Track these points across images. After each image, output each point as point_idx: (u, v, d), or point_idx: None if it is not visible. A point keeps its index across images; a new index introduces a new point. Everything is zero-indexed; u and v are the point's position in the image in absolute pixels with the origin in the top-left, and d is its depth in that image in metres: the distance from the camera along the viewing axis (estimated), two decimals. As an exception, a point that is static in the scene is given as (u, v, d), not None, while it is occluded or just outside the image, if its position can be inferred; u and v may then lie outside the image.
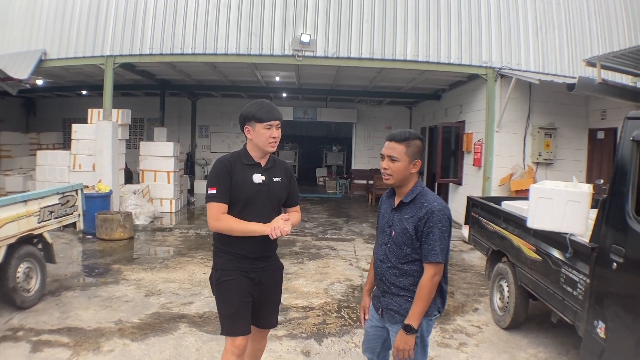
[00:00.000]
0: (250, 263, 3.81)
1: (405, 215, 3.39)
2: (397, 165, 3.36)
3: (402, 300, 3.41)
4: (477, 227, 7.81)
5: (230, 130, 23.40)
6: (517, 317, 6.36)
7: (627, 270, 4.10)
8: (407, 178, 3.41)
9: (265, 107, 3.79)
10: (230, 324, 3.81)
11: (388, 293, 3.49)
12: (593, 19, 13.77)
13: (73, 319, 6.48)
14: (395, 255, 3.43)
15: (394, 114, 23.58)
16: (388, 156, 3.40)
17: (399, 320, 3.39)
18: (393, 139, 3.40)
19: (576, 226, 4.94)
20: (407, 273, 3.39)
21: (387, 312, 3.50)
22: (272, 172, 3.87)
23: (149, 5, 13.05)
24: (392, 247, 3.45)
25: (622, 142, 4.41)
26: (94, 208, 11.21)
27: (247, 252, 3.77)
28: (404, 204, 3.42)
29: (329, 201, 20.37)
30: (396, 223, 3.44)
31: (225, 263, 3.82)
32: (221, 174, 3.71)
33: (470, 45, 12.88)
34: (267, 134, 3.72)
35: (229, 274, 3.79)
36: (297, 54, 12.66)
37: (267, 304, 4.03)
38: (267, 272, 3.93)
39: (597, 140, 12.56)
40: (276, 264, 4.07)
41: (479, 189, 12.86)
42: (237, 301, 3.79)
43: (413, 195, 3.39)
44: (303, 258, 10.21)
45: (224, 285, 3.81)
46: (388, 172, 3.40)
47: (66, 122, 21.73)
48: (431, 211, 3.28)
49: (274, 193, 3.84)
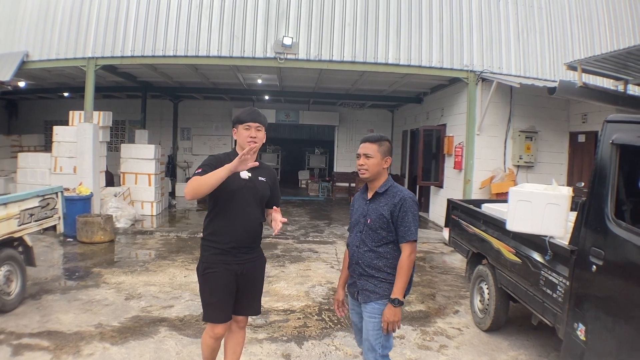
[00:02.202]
0: (234, 256, 4.11)
1: (380, 204, 3.91)
2: (371, 161, 3.91)
3: (377, 281, 3.89)
4: (458, 230, 7.84)
5: (212, 132, 23.29)
6: (497, 320, 6.39)
7: (607, 273, 4.12)
8: (380, 173, 3.97)
9: (250, 111, 4.19)
10: (212, 312, 4.19)
11: (364, 275, 3.95)
12: (575, 22, 13.90)
13: (53, 322, 6.42)
14: (371, 240, 3.92)
15: (376, 117, 23.63)
16: (364, 154, 3.94)
17: (373, 299, 3.88)
18: (367, 140, 3.99)
19: (555, 229, 4.98)
20: (382, 255, 3.89)
21: (362, 293, 3.96)
22: (257, 172, 4.19)
23: (130, 7, 12.97)
24: (367, 232, 3.95)
25: (602, 145, 4.44)
26: (74, 211, 11.14)
27: (233, 241, 4.08)
28: (378, 194, 3.96)
29: (311, 204, 20.37)
30: (371, 212, 3.94)
31: (210, 257, 4.15)
32: (211, 161, 4.06)
33: (452, 49, 12.94)
34: (246, 133, 4.09)
35: (214, 267, 4.11)
36: (279, 57, 12.65)
37: (249, 292, 4.31)
38: (250, 264, 4.23)
39: (578, 143, 12.66)
40: (260, 257, 4.38)
41: (460, 191, 12.91)
42: (219, 291, 4.12)
43: (386, 187, 3.95)
44: (284, 261, 10.19)
45: (208, 276, 4.14)
46: (364, 167, 3.94)
47: (48, 124, 21.51)
48: (404, 198, 3.86)
49: (258, 190, 4.19)
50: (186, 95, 22.04)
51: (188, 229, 13.40)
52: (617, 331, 3.95)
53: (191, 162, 22.66)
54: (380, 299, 3.84)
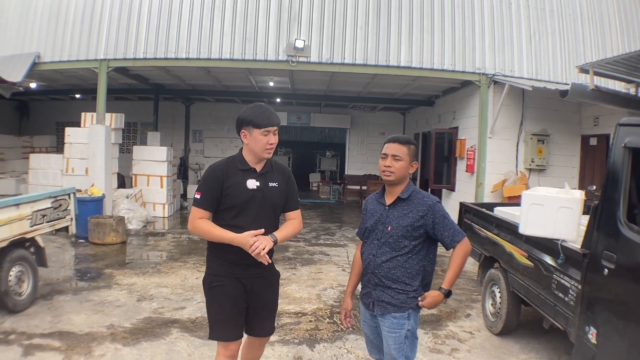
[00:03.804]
0: (243, 269, 3.74)
1: (403, 211, 3.66)
2: (400, 163, 3.63)
3: (394, 292, 3.64)
4: (470, 233, 7.77)
5: (223, 135, 23.38)
6: (509, 323, 6.37)
7: (619, 276, 4.11)
8: (405, 177, 3.71)
9: (264, 112, 3.71)
10: (222, 329, 3.79)
11: (379, 286, 3.68)
12: (586, 25, 13.82)
13: (65, 323, 6.45)
14: (391, 248, 3.64)
15: (388, 119, 23.60)
16: (392, 155, 3.65)
17: (390, 311, 3.62)
18: (397, 141, 3.68)
19: (568, 232, 4.95)
20: (400, 265, 3.63)
21: (379, 304, 3.69)
22: (267, 177, 3.79)
23: (143, 9, 13.04)
24: (388, 240, 3.66)
25: (614, 149, 4.43)
26: (86, 212, 11.17)
27: (239, 259, 3.67)
28: (401, 200, 3.69)
29: (322, 206, 20.38)
30: (392, 219, 3.67)
31: (217, 268, 3.80)
32: (210, 181, 3.70)
33: (464, 52, 12.90)
34: (264, 140, 3.67)
35: (221, 279, 3.76)
36: (291, 60, 12.67)
37: (260, 311, 3.95)
38: (260, 279, 3.84)
39: (590, 146, 12.58)
40: (271, 271, 3.93)
41: (472, 195, 12.86)
42: (228, 306, 3.76)
43: (408, 192, 3.69)
44: (296, 263, 10.20)
45: (215, 290, 3.78)
46: (391, 169, 3.64)
47: (59, 126, 21.71)
48: (432, 205, 3.63)
49: (268, 199, 3.76)
50: (198, 97, 22.10)
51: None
52: (628, 335, 3.94)
53: (203, 164, 22.73)
54: (397, 311, 3.61)
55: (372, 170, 22.67)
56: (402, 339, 3.61)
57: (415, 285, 3.64)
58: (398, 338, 3.61)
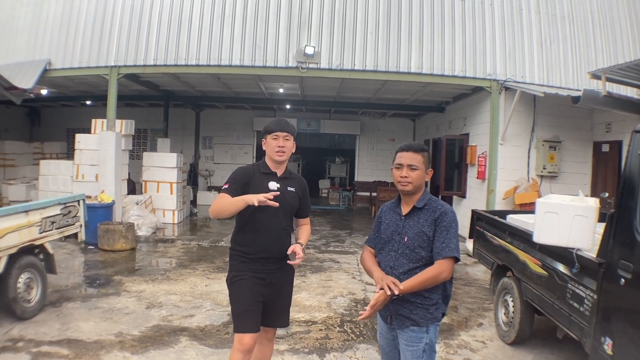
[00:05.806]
0: (262, 265, 4.14)
1: (420, 220, 3.54)
2: (416, 173, 3.54)
3: (412, 306, 3.46)
4: (482, 241, 7.75)
5: (233, 141, 23.40)
6: (522, 333, 6.28)
7: (635, 286, 4.04)
8: (422, 186, 3.62)
9: (276, 120, 4.28)
10: (239, 322, 4.10)
11: (398, 299, 3.43)
12: (598, 31, 13.75)
13: (73, 330, 6.43)
14: (408, 260, 3.50)
15: (398, 126, 23.58)
16: (408, 165, 3.55)
17: (408, 325, 3.48)
18: (411, 149, 3.59)
19: (583, 241, 4.87)
20: None
21: (397, 318, 3.53)
22: (286, 182, 4.28)
23: (153, 16, 13.09)
24: (405, 252, 3.52)
25: (630, 156, 4.36)
26: (96, 218, 11.18)
27: (260, 251, 4.11)
28: (417, 209, 3.57)
29: (332, 213, 20.33)
30: (408, 229, 3.55)
31: (238, 265, 4.18)
32: (238, 176, 4.16)
33: (475, 58, 12.86)
34: (274, 143, 4.19)
35: (242, 275, 4.13)
36: (301, 66, 12.66)
37: (278, 303, 4.31)
38: (279, 274, 4.22)
39: (602, 153, 12.50)
40: (289, 266, 4.21)
41: (483, 202, 12.80)
42: (247, 300, 4.09)
43: (425, 201, 3.58)
44: (305, 271, 10.13)
45: (236, 285, 4.15)
46: (408, 179, 3.54)
47: (70, 132, 21.77)
48: (445, 212, 3.50)
49: (286, 200, 4.17)
50: (208, 104, 22.15)
51: (209, 237, 13.42)
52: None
53: (213, 171, 22.78)
54: (415, 325, 3.45)
55: (382, 176, 22.65)
56: (420, 353, 3.49)
57: (435, 298, 3.49)
58: (416, 352, 3.49)
